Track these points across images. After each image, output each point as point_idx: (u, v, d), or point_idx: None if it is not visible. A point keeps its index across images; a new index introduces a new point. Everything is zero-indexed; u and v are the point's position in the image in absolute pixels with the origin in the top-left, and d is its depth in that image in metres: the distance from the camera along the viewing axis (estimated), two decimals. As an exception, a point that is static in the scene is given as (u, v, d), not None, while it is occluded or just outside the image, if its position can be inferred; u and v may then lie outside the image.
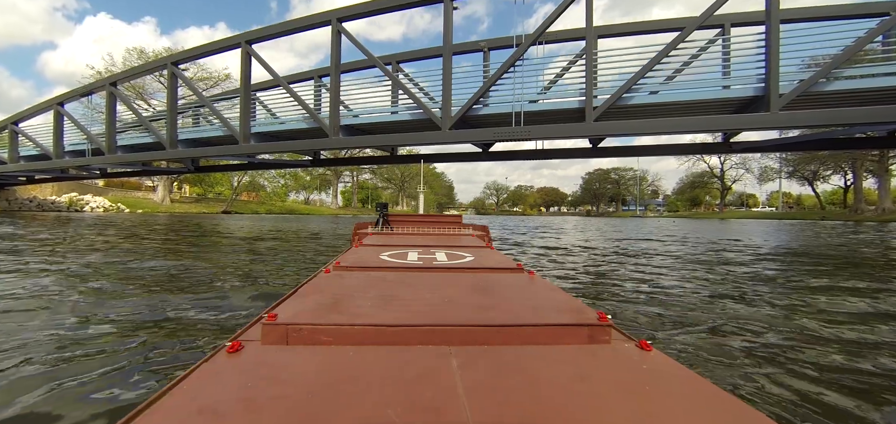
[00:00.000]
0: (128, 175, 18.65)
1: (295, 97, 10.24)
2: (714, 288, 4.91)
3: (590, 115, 8.11)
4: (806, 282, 5.31)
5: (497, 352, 1.02)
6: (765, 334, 3.01)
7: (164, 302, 3.68)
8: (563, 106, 8.61)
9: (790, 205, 66.51)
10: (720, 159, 64.63)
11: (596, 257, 8.08)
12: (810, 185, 49.52)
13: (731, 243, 11.37)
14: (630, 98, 8.11)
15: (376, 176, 78.18)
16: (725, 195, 68.70)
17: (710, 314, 3.61)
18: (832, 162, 45.99)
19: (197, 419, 0.71)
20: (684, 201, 79.13)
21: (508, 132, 8.66)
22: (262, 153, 11.10)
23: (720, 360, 2.46)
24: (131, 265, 5.99)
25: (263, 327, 1.09)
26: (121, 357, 2.34)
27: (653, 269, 6.41)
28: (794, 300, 4.23)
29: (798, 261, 7.66)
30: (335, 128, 10.09)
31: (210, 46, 11.79)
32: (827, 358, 2.51)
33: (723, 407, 0.78)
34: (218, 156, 11.85)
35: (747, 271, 6.28)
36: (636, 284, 5.16)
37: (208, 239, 11.27)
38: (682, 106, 8.22)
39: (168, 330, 2.88)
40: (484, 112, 9.18)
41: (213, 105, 11.87)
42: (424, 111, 9.40)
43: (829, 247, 10.14)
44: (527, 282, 1.79)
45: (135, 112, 13.03)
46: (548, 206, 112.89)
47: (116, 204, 28.82)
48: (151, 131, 12.69)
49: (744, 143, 9.65)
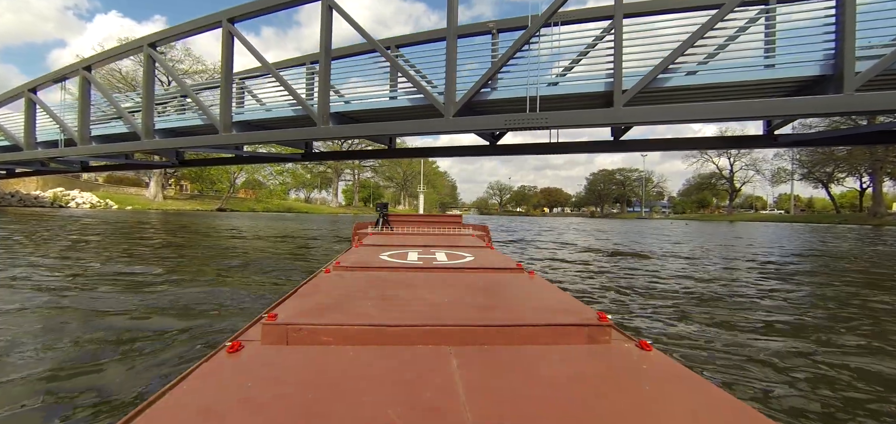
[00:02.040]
0: (110, 169, 17.57)
1: (278, 79, 9.08)
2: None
3: (618, 100, 6.89)
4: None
5: (497, 352, 1.03)
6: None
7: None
8: (586, 89, 7.40)
9: (802, 208, 64.70)
10: (730, 160, 63.09)
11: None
12: (825, 188, 47.84)
13: (798, 258, 10.13)
14: (666, 80, 6.90)
15: (378, 174, 77.03)
16: (734, 197, 66.99)
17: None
18: (847, 163, 44.44)
19: (197, 419, 0.70)
20: (691, 203, 77.30)
21: (522, 119, 7.45)
22: (245, 143, 9.97)
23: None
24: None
25: (263, 327, 1.09)
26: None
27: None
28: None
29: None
30: (324, 116, 8.92)
31: (187, 26, 10.64)
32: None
33: (723, 407, 0.77)
34: (196, 147, 10.71)
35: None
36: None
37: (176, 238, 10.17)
38: (724, 88, 7.01)
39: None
40: (493, 96, 7.99)
41: (192, 90, 10.72)
42: (425, 96, 8.21)
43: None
44: (527, 282, 1.77)
45: (109, 98, 11.91)
46: (551, 207, 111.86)
47: (105, 200, 27.60)
48: (126, 120, 11.56)
49: (792, 137, 8.39)
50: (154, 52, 11.18)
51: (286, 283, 4.95)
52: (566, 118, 7.27)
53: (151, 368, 2.18)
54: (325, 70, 8.87)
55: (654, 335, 3.07)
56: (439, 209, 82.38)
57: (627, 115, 6.85)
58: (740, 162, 62.13)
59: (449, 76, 7.98)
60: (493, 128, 8.06)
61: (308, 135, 9.17)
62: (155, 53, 11.19)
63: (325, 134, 8.99)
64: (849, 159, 41.50)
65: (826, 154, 41.85)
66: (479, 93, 7.91)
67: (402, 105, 8.76)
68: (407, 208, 71.21)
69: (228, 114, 10.14)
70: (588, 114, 7.15)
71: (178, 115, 11.64)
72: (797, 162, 48.01)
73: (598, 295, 4.74)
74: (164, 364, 2.25)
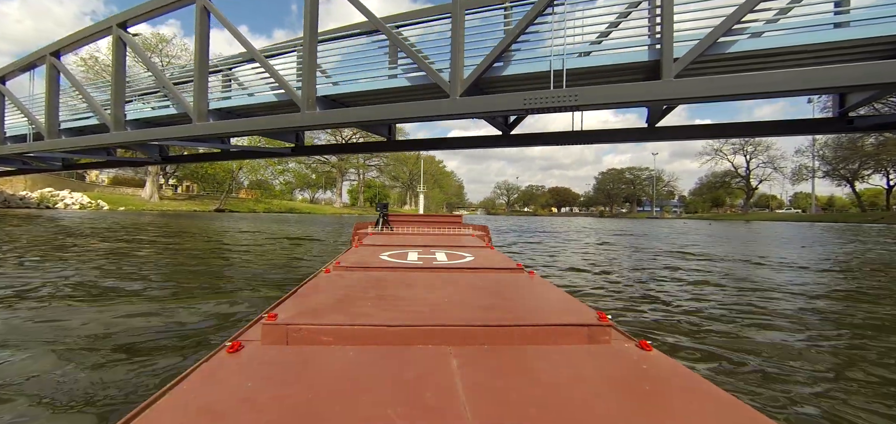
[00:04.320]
0: (90, 166, 16.49)
1: (254, 54, 7.79)
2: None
3: (668, 70, 5.48)
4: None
5: (497, 352, 1.01)
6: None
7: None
8: (626, 60, 5.99)
9: (822, 207, 62.15)
10: (746, 158, 60.88)
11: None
12: (850, 185, 45.52)
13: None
14: (728, 44, 5.48)
15: (384, 174, 75.77)
16: (751, 196, 64.63)
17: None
18: (873, 160, 42.21)
19: (197, 419, 0.69)
20: (704, 202, 74.90)
21: (545, 97, 6.06)
22: (221, 133, 8.71)
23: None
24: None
25: (263, 327, 1.08)
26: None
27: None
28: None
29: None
30: (310, 101, 7.61)
31: (160, 0, 9.39)
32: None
33: (722, 407, 0.76)
34: (169, 139, 9.48)
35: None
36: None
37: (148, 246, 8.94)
38: (783, 55, 5.58)
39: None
40: (508, 71, 6.62)
41: (163, 74, 9.48)
42: (428, 74, 6.87)
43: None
44: (527, 282, 1.76)
45: (77, 85, 10.73)
46: (559, 207, 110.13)
47: (96, 201, 26.46)
48: (95, 110, 10.37)
49: (871, 119, 6.88)
50: (124, 34, 9.96)
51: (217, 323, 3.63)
52: (601, 94, 5.85)
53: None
54: (311, 44, 7.56)
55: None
56: (446, 209, 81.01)
57: (680, 90, 5.43)
58: (757, 159, 59.93)
59: (455, 49, 6.64)
60: (508, 110, 6.67)
61: (290, 123, 7.85)
62: (125, 35, 9.97)
63: (311, 121, 7.68)
64: (878, 154, 39.28)
65: (853, 149, 39.74)
66: (491, 69, 6.55)
67: (401, 85, 7.42)
68: (412, 208, 69.88)
69: (204, 101, 8.90)
70: (629, 90, 5.73)
71: (157, 103, 10.40)
72: (820, 158, 45.81)
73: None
74: None
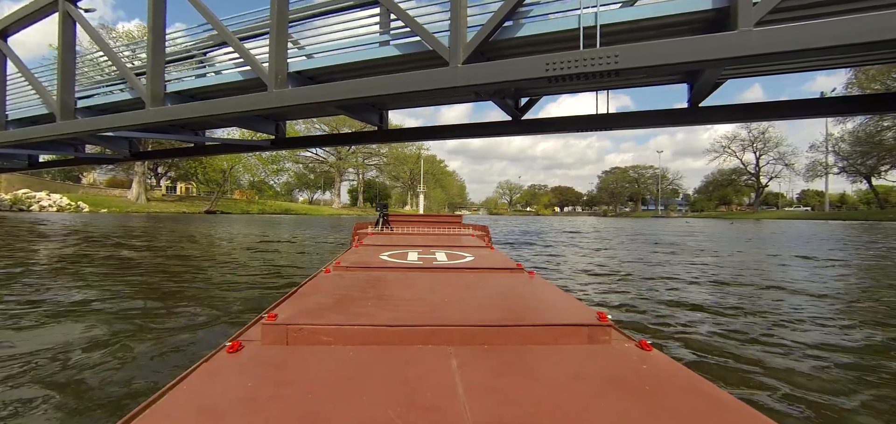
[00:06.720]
0: (58, 164, 15.11)
1: (214, 22, 6.37)
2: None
3: (745, 16, 4.03)
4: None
5: (497, 352, 1.00)
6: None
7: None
8: (682, 8, 4.55)
9: (836, 204, 60.29)
10: (755, 154, 59.17)
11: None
12: (868, 182, 43.71)
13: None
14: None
15: (384, 174, 74.30)
16: (761, 194, 62.84)
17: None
18: (891, 156, 40.50)
19: (197, 418, 0.68)
20: (710, 200, 73.08)
21: (574, 59, 4.59)
22: (176, 119, 7.32)
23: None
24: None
25: (263, 327, 1.07)
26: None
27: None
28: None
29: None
30: (280, 78, 6.21)
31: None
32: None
33: (722, 408, 0.75)
34: (118, 129, 8.09)
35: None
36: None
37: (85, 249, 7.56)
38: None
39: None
40: (523, 32, 5.19)
41: (114, 52, 8.09)
42: (423, 38, 5.44)
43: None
44: (527, 282, 1.74)
45: (21, 69, 9.35)
46: (562, 206, 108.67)
47: (76, 202, 25.00)
48: (42, 95, 9.00)
49: None
50: (73, 9, 8.55)
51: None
52: (651, 54, 4.38)
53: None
54: (281, 5, 6.14)
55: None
56: (448, 209, 79.52)
57: (767, 42, 3.97)
58: (767, 156, 58.25)
59: (456, 4, 5.19)
60: (524, 79, 5.19)
61: (255, 105, 6.43)
62: (74, 10, 8.57)
63: (280, 101, 6.27)
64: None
65: (872, 144, 38.08)
66: (500, 30, 5.12)
67: (390, 54, 5.99)
68: (413, 208, 68.45)
69: (159, 83, 7.51)
70: (692, 46, 4.26)
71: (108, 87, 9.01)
72: (836, 153, 44.10)
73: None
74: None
